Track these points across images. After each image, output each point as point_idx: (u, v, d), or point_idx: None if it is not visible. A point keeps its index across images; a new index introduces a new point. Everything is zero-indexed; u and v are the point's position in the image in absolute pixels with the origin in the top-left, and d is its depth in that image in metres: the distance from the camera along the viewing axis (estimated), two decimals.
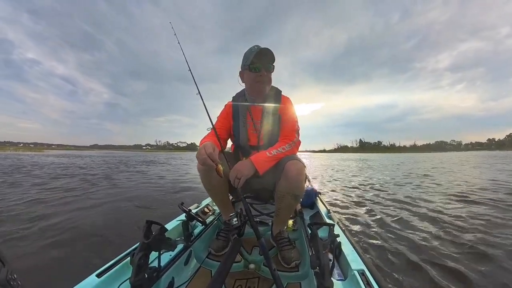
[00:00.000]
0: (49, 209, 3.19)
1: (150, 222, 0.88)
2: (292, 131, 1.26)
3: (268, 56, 1.18)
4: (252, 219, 0.99)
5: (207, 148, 0.95)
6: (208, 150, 0.95)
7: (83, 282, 0.74)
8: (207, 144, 0.99)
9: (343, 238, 1.09)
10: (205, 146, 0.96)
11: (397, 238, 2.14)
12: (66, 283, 0.73)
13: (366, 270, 0.83)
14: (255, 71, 1.21)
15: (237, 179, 1.04)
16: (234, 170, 1.06)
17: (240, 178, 1.04)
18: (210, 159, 0.94)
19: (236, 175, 1.04)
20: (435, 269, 1.59)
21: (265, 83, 1.25)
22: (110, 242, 2.14)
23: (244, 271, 1.19)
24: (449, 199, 3.78)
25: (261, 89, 1.27)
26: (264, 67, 1.21)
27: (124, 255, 0.92)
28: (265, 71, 1.21)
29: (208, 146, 0.97)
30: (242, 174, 1.04)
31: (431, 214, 2.87)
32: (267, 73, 1.23)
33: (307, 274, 1.11)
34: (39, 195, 4.10)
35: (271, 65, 1.23)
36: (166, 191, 4.75)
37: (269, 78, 1.26)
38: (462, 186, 5.15)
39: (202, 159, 0.95)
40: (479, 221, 2.54)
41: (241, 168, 1.06)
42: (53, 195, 4.09)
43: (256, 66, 1.20)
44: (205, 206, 1.71)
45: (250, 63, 1.19)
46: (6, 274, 0.42)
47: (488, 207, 3.17)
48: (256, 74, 1.21)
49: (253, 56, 1.16)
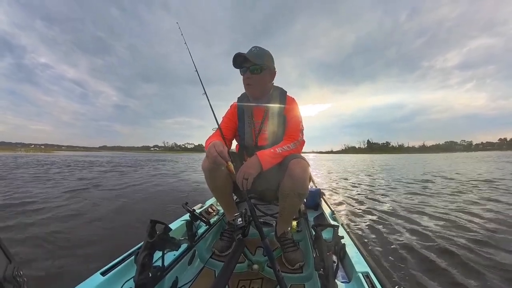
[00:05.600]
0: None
1: (154, 221, 0.88)
2: (297, 131, 1.26)
3: (246, 56, 1.16)
4: (257, 219, 0.98)
5: (217, 146, 0.96)
6: (219, 148, 0.95)
7: (88, 280, 0.75)
8: (216, 142, 0.99)
9: (348, 240, 1.08)
10: (214, 145, 0.97)
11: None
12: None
13: (370, 273, 0.81)
14: (242, 73, 1.24)
15: (244, 180, 1.02)
16: (241, 172, 1.04)
17: (247, 178, 1.02)
18: (221, 157, 0.94)
19: (244, 176, 1.02)
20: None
21: (253, 85, 1.24)
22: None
23: (248, 271, 1.19)
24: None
25: (250, 91, 1.28)
26: (249, 69, 1.19)
27: (128, 254, 0.92)
28: (250, 73, 1.20)
29: (218, 144, 0.97)
30: (249, 173, 1.02)
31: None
32: (253, 75, 1.20)
33: (311, 276, 1.10)
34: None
35: (255, 66, 1.18)
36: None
37: (257, 79, 1.22)
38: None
39: (213, 157, 0.95)
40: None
41: (247, 168, 1.05)
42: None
43: (242, 68, 1.22)
44: (209, 206, 1.71)
45: (235, 67, 1.22)
46: (13, 270, 0.43)
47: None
48: (244, 77, 1.23)
49: (233, 60, 1.20)
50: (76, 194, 4.28)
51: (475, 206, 3.33)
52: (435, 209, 3.24)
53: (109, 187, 5.26)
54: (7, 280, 0.40)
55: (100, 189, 4.94)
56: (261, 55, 1.20)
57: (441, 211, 3.11)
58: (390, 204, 3.65)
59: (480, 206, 3.32)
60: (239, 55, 1.17)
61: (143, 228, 0.87)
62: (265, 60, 1.20)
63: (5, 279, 0.40)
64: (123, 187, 5.21)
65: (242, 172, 1.04)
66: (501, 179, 6.23)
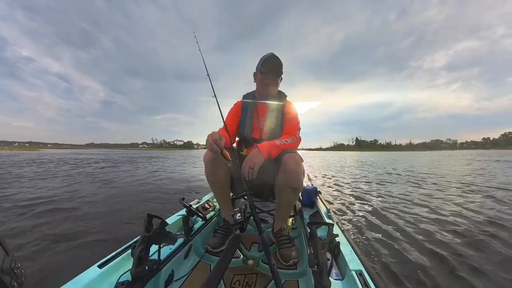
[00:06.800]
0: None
1: (151, 216, 0.88)
2: (295, 128, 1.36)
3: (276, 62, 1.31)
4: (256, 214, 1.00)
5: (214, 135, 1.05)
6: (215, 136, 1.04)
7: (85, 272, 0.75)
8: (214, 132, 1.08)
9: (342, 238, 1.09)
10: (212, 134, 1.05)
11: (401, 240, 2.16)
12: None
13: (364, 271, 0.83)
14: (264, 73, 1.34)
15: (250, 169, 1.07)
16: (247, 162, 1.09)
17: (253, 167, 1.07)
18: (216, 144, 1.02)
19: (249, 166, 1.08)
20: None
21: (271, 86, 1.37)
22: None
23: (243, 266, 1.21)
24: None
25: (266, 90, 1.39)
26: (272, 71, 1.33)
27: (125, 247, 0.93)
28: (271, 75, 1.34)
29: (215, 133, 1.07)
30: (254, 162, 1.08)
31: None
32: (274, 78, 1.35)
33: (305, 273, 1.12)
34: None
35: (279, 71, 1.34)
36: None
37: (276, 82, 1.38)
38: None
39: (209, 144, 1.04)
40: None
41: (252, 158, 1.10)
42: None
43: (265, 70, 1.33)
44: (206, 202, 1.73)
45: (261, 66, 1.33)
46: (10, 263, 0.43)
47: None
48: (264, 77, 1.35)
49: (264, 61, 1.31)
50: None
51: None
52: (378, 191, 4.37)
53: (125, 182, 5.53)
54: (5, 272, 0.41)
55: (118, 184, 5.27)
56: (282, 65, 1.34)
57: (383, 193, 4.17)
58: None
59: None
60: (277, 58, 1.30)
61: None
62: (282, 69, 1.36)
63: (3, 271, 0.40)
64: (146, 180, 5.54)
65: (248, 161, 1.09)
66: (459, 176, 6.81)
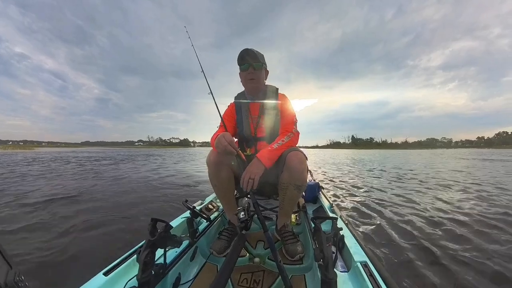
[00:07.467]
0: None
1: (155, 220, 0.88)
2: (291, 124, 1.33)
3: (252, 55, 1.27)
4: (260, 212, 1.00)
5: (227, 137, 1.02)
6: (228, 138, 1.02)
7: (91, 280, 0.75)
8: (226, 133, 1.05)
9: (346, 231, 1.10)
10: (224, 135, 1.03)
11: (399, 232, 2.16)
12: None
13: (368, 262, 0.83)
14: (244, 69, 1.32)
15: (251, 180, 1.05)
16: (247, 173, 1.07)
17: (254, 178, 1.05)
18: (231, 146, 1.01)
19: (250, 176, 1.06)
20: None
21: (256, 80, 1.33)
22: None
23: (249, 265, 1.21)
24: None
25: (252, 86, 1.36)
26: (250, 64, 1.29)
27: (130, 253, 0.93)
28: (252, 68, 1.30)
29: (227, 135, 1.04)
30: (254, 173, 1.06)
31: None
32: (256, 70, 1.31)
33: (311, 267, 1.12)
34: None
35: (258, 63, 1.30)
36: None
37: (259, 75, 1.34)
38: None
39: (223, 146, 1.01)
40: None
41: (252, 168, 1.08)
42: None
43: (243, 65, 1.31)
44: (209, 202, 1.72)
45: (239, 63, 1.31)
46: (14, 276, 0.43)
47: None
48: (246, 73, 1.32)
49: (240, 57, 1.29)
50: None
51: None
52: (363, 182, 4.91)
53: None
54: (9, 286, 0.40)
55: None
56: (260, 55, 1.31)
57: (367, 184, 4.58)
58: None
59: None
60: (252, 50, 1.26)
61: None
62: (263, 59, 1.33)
63: (7, 285, 0.40)
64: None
65: (248, 173, 1.07)
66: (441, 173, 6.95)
